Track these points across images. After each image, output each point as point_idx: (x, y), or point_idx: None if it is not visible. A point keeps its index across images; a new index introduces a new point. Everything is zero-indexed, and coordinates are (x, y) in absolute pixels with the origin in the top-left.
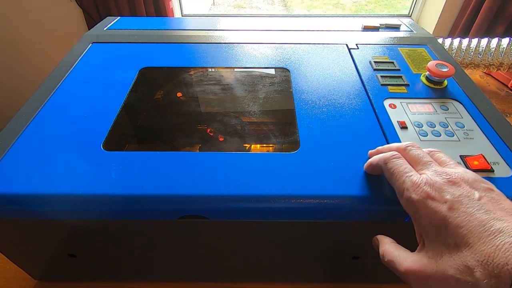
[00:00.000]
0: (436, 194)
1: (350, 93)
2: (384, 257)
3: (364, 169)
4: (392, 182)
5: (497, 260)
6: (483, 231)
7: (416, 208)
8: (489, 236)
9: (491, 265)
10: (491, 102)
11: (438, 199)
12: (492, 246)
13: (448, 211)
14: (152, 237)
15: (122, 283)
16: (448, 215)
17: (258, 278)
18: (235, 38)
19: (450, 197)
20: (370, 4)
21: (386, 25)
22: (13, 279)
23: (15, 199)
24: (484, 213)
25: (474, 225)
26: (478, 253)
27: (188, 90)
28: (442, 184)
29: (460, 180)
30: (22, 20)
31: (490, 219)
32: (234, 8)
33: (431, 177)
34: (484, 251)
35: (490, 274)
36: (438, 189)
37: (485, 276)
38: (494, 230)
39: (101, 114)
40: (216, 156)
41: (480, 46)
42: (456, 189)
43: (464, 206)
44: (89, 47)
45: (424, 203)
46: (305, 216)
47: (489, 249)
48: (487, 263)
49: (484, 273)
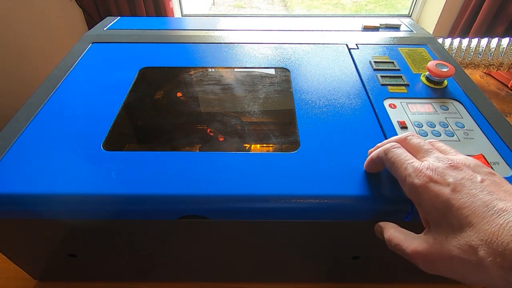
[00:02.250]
0: (438, 178)
1: (350, 93)
2: (391, 242)
3: (365, 167)
4: (393, 171)
5: (502, 238)
6: (487, 211)
7: (419, 193)
8: (493, 215)
9: (495, 243)
10: (491, 102)
11: (441, 182)
12: (496, 225)
13: (451, 193)
14: (152, 237)
15: (122, 283)
16: (451, 197)
17: (258, 278)
18: (235, 38)
19: (452, 180)
20: (370, 4)
21: (386, 25)
22: (13, 279)
23: (15, 199)
24: (487, 194)
25: (478, 205)
26: (482, 232)
27: (188, 90)
28: (444, 168)
29: (462, 165)
30: (22, 20)
31: (493, 200)
32: (234, 8)
33: (433, 162)
34: (488, 230)
35: (494, 252)
36: (441, 173)
37: (489, 254)
38: (497, 209)
39: (101, 114)
40: (216, 156)
41: (480, 46)
42: (458, 173)
43: (467, 188)
44: (89, 47)
45: (427, 187)
46: (305, 216)
47: (493, 228)
48: (491, 241)
49: (488, 252)
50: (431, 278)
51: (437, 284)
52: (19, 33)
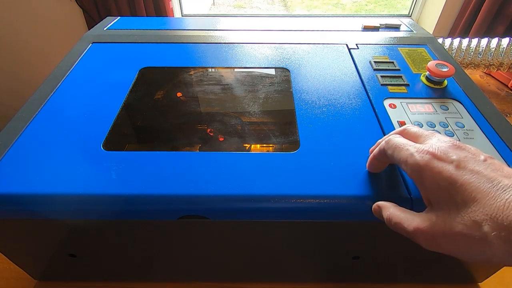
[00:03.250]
0: (442, 155)
1: (350, 93)
2: (391, 220)
3: (367, 166)
4: (395, 155)
5: (507, 212)
6: (492, 186)
7: (422, 171)
8: (498, 190)
9: (500, 217)
10: (491, 102)
11: (444, 159)
12: (501, 200)
13: (454, 170)
14: (152, 237)
15: (122, 283)
16: (455, 173)
17: (258, 278)
18: (235, 38)
19: (456, 157)
20: (370, 4)
21: (386, 25)
22: (13, 279)
23: (15, 199)
24: (491, 171)
25: (483, 181)
26: (487, 207)
27: (188, 90)
28: (447, 147)
29: (464, 146)
30: (22, 20)
31: (498, 176)
32: (234, 8)
33: (435, 143)
34: (493, 205)
35: (499, 227)
36: (444, 151)
37: (494, 229)
38: (502, 185)
39: (101, 114)
40: (216, 156)
41: (480, 46)
42: (462, 152)
43: (471, 165)
44: (89, 47)
45: (430, 165)
46: (305, 216)
47: (498, 202)
48: (496, 216)
49: (492, 226)
50: (431, 278)
51: (437, 284)
52: (19, 33)
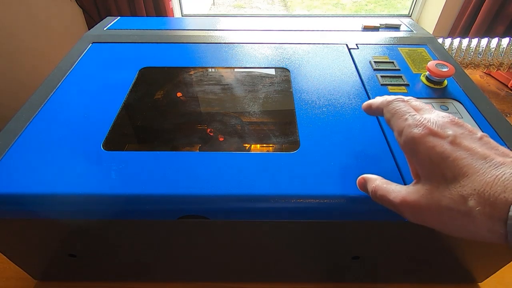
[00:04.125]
0: (438, 130)
1: (350, 93)
2: (376, 192)
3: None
4: (392, 121)
5: (495, 188)
6: (484, 163)
7: (416, 144)
8: (490, 167)
9: (487, 193)
10: (491, 102)
11: (440, 135)
12: (491, 176)
13: (449, 145)
14: (152, 237)
15: (122, 283)
16: (449, 148)
17: (258, 278)
18: (235, 38)
19: (452, 133)
20: (370, 4)
21: (386, 25)
22: (13, 279)
23: (15, 199)
24: (486, 149)
25: (475, 158)
26: (476, 183)
27: (188, 90)
28: (445, 122)
29: (462, 122)
30: (22, 20)
31: (491, 153)
32: (234, 8)
33: (434, 117)
34: (482, 180)
35: (485, 202)
36: (441, 126)
37: (479, 204)
38: (495, 162)
39: (101, 114)
40: (216, 156)
41: (480, 46)
42: (458, 128)
43: (466, 142)
44: (89, 47)
45: (425, 139)
46: (305, 216)
47: (488, 178)
48: (484, 191)
49: (478, 201)
50: (431, 278)
51: (437, 284)
52: (19, 32)
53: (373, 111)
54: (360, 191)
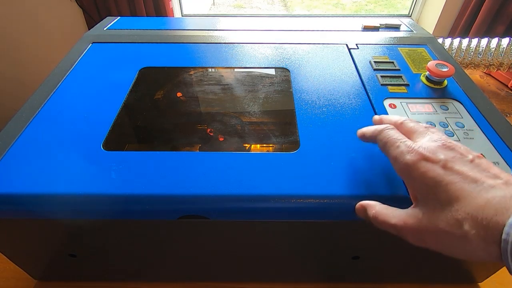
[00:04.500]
0: (430, 155)
1: (350, 93)
2: (377, 218)
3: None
4: (385, 149)
5: (487, 211)
6: (476, 186)
7: (410, 170)
8: (481, 191)
9: (480, 216)
10: (491, 102)
11: (432, 160)
12: (483, 199)
13: (441, 169)
14: (152, 237)
15: (122, 283)
16: (441, 173)
17: (258, 278)
18: (235, 38)
19: (444, 157)
20: (370, 4)
21: (386, 25)
22: (13, 279)
23: (15, 199)
24: (477, 172)
25: (467, 182)
26: (469, 206)
27: (188, 90)
28: (436, 147)
29: (453, 145)
30: (22, 20)
31: (482, 177)
32: (234, 8)
33: (425, 142)
34: (475, 204)
35: (478, 225)
36: (432, 151)
37: (473, 227)
38: (486, 185)
39: (101, 114)
40: (216, 156)
41: (480, 46)
42: (450, 152)
43: (458, 165)
44: (89, 47)
45: (418, 165)
46: (305, 216)
47: (480, 201)
48: (477, 215)
49: (472, 225)
50: (431, 278)
51: (437, 284)
52: (19, 33)
53: (367, 139)
54: (360, 191)
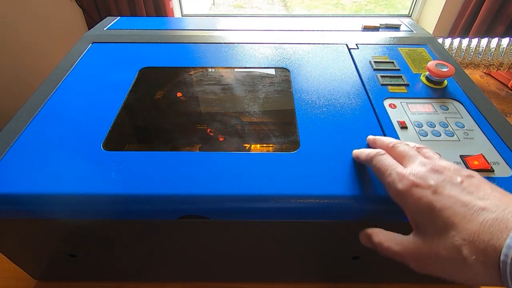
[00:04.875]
0: (420, 181)
1: (350, 93)
2: (382, 245)
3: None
4: (378, 176)
5: (482, 236)
6: (467, 210)
7: (403, 197)
8: (473, 214)
9: (476, 241)
10: (491, 102)
11: (423, 186)
12: (476, 224)
13: (432, 195)
14: (152, 237)
15: (122, 283)
16: (433, 199)
17: (258, 278)
18: (235, 38)
19: (433, 183)
20: (370, 4)
21: (386, 25)
22: (13, 279)
23: (15, 199)
24: (466, 194)
25: (458, 206)
26: (464, 232)
27: (188, 90)
28: (426, 172)
29: (442, 168)
30: (22, 20)
31: (472, 199)
32: (234, 8)
33: (415, 168)
34: (469, 230)
35: (476, 250)
36: (422, 177)
37: (472, 253)
38: (476, 208)
39: (101, 114)
40: (216, 156)
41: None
42: (439, 176)
43: (447, 190)
44: (89, 47)
45: (410, 192)
46: (305, 216)
47: (473, 226)
48: (473, 240)
49: (471, 250)
50: (430, 278)
51: (436, 285)
52: (19, 33)
53: (361, 162)
54: (360, 191)
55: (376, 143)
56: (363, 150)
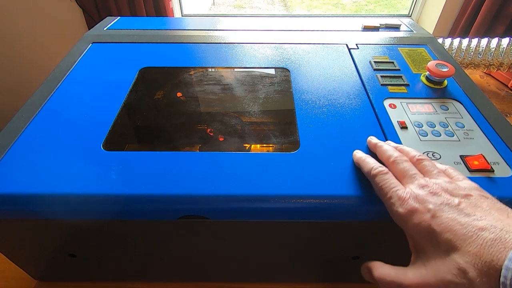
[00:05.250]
0: (419, 206)
1: (350, 93)
2: (384, 279)
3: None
4: (379, 195)
5: (484, 258)
6: (466, 232)
7: (403, 220)
8: (472, 236)
9: (479, 263)
10: (491, 102)
11: (422, 210)
12: (477, 246)
13: (431, 219)
14: (152, 237)
15: (122, 283)
16: (433, 223)
17: (258, 278)
18: (235, 38)
19: (432, 207)
20: (370, 4)
21: (386, 25)
22: (13, 279)
23: (15, 199)
24: (464, 216)
25: (457, 228)
26: (466, 254)
27: (188, 90)
28: (424, 195)
29: (440, 190)
30: (22, 20)
31: (470, 221)
32: (234, 8)
33: (414, 190)
34: (471, 252)
35: (481, 272)
36: (421, 200)
37: (477, 275)
38: (475, 230)
39: (101, 114)
40: (216, 156)
41: (480, 46)
42: (438, 199)
43: (446, 213)
44: (89, 47)
45: (411, 216)
46: (305, 216)
47: (474, 249)
48: (476, 262)
49: (476, 273)
50: None
51: None
52: (19, 32)
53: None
54: (360, 191)
55: (376, 150)
56: (365, 161)
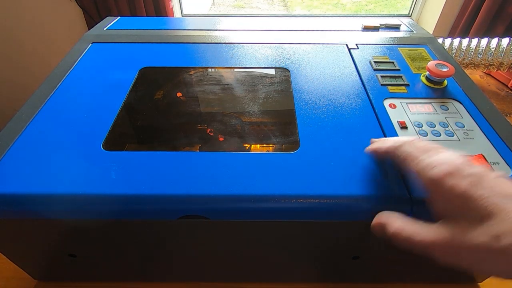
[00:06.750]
0: (455, 171)
1: (350, 93)
2: (400, 235)
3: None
4: (405, 165)
5: None
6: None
7: (436, 185)
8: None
9: None
10: (491, 102)
11: (459, 175)
12: None
13: (469, 185)
14: (152, 237)
15: (122, 283)
16: (470, 189)
17: (258, 278)
18: (235, 38)
19: (471, 172)
20: (370, 4)
21: (386, 25)
22: (13, 279)
23: (15, 199)
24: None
25: (498, 196)
26: (505, 221)
27: (188, 90)
28: (461, 162)
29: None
30: (22, 20)
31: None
32: (234, 8)
33: (448, 157)
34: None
35: None
36: (457, 167)
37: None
38: None
39: (101, 114)
40: (216, 156)
41: (480, 46)
42: (475, 168)
43: (485, 181)
44: (89, 47)
45: (445, 179)
46: (305, 216)
47: None
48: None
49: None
50: (431, 278)
51: (437, 284)
52: (19, 33)
53: (380, 154)
54: (360, 191)
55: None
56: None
